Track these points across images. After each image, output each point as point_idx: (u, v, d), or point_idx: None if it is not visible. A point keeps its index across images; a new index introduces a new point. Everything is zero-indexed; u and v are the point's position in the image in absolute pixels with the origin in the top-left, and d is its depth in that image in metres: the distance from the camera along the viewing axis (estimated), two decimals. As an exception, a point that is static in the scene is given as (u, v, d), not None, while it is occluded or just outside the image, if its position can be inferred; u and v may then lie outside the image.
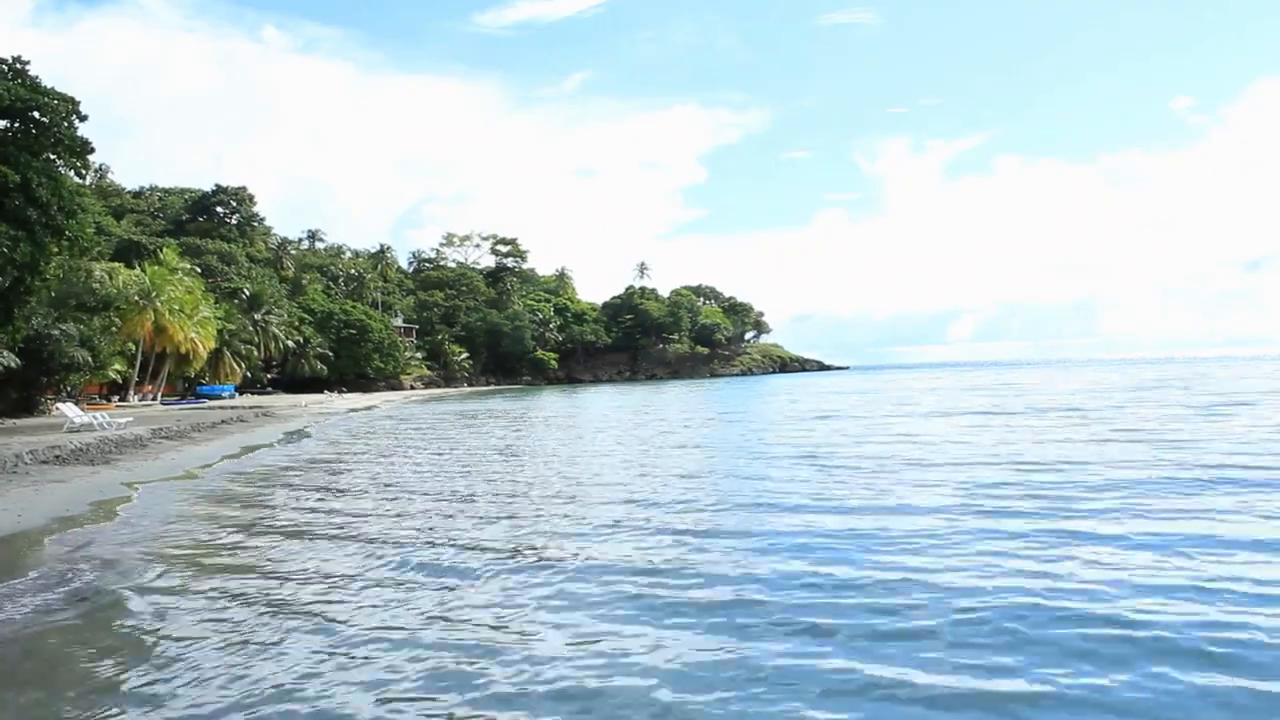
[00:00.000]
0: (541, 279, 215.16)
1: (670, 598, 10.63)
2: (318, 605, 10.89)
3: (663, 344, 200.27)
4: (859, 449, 27.19)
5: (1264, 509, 14.74)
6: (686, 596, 10.67)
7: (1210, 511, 14.69)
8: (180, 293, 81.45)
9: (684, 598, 10.61)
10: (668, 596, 10.70)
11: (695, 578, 11.49)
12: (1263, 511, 14.52)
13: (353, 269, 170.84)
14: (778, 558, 12.41)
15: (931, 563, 11.76)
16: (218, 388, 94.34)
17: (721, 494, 18.68)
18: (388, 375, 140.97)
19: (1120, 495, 16.46)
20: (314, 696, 7.87)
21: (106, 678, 8.53)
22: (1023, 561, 11.64)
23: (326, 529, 16.29)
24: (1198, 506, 15.25)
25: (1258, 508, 14.87)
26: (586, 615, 10.07)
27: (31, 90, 33.38)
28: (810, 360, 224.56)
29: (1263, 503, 15.30)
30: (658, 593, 10.88)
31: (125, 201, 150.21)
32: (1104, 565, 11.32)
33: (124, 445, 31.56)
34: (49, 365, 50.41)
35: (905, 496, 17.33)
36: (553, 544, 14.03)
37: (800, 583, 10.94)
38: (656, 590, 10.98)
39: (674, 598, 10.63)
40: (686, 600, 10.50)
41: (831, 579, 11.02)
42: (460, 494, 20.43)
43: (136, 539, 15.58)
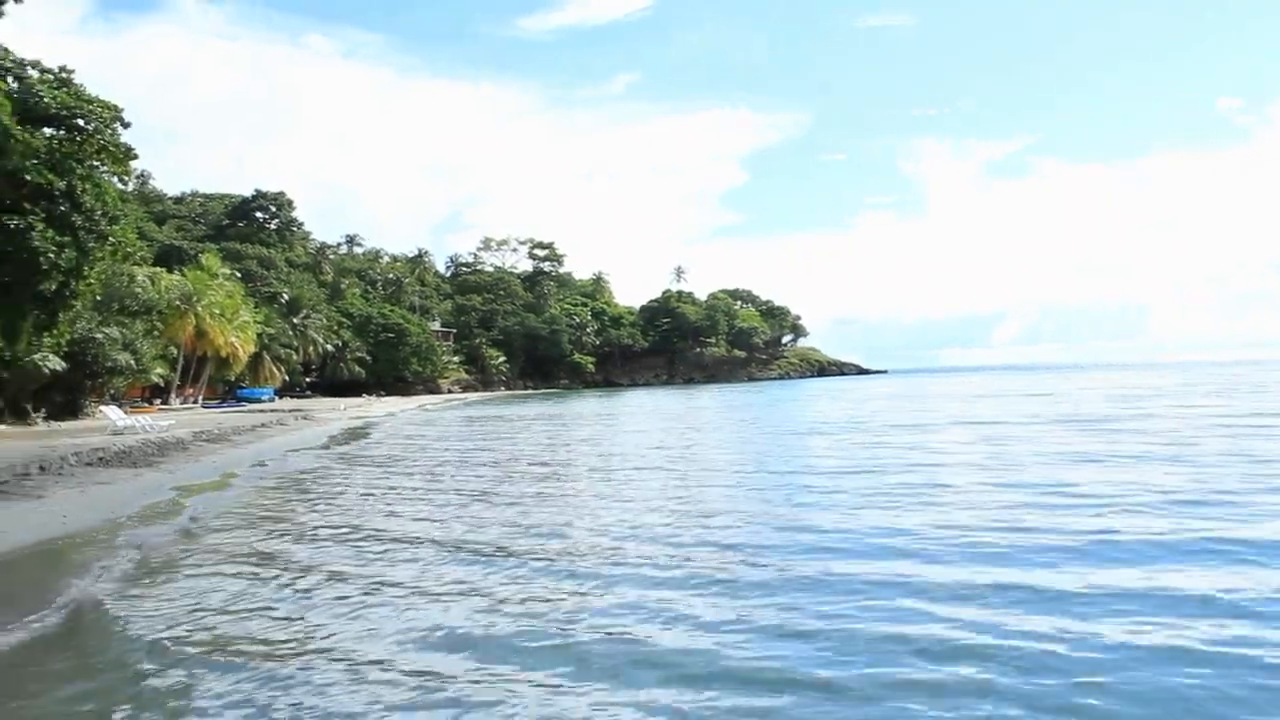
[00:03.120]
0: (579, 283, 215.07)
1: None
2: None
3: (700, 347, 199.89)
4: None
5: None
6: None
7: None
8: (221, 297, 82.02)
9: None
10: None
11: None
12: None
13: (391, 273, 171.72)
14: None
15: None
16: (258, 391, 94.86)
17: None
18: (425, 378, 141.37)
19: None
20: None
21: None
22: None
23: (361, 533, 16.22)
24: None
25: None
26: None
27: (76, 98, 33.66)
28: (848, 364, 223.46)
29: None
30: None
31: (167, 207, 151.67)
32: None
33: (166, 448, 31.74)
34: (93, 368, 50.82)
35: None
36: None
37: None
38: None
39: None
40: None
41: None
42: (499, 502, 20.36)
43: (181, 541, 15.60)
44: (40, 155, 31.83)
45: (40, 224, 32.18)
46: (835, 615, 9.86)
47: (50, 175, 31.83)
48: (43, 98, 32.67)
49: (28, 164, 31.05)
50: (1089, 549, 12.89)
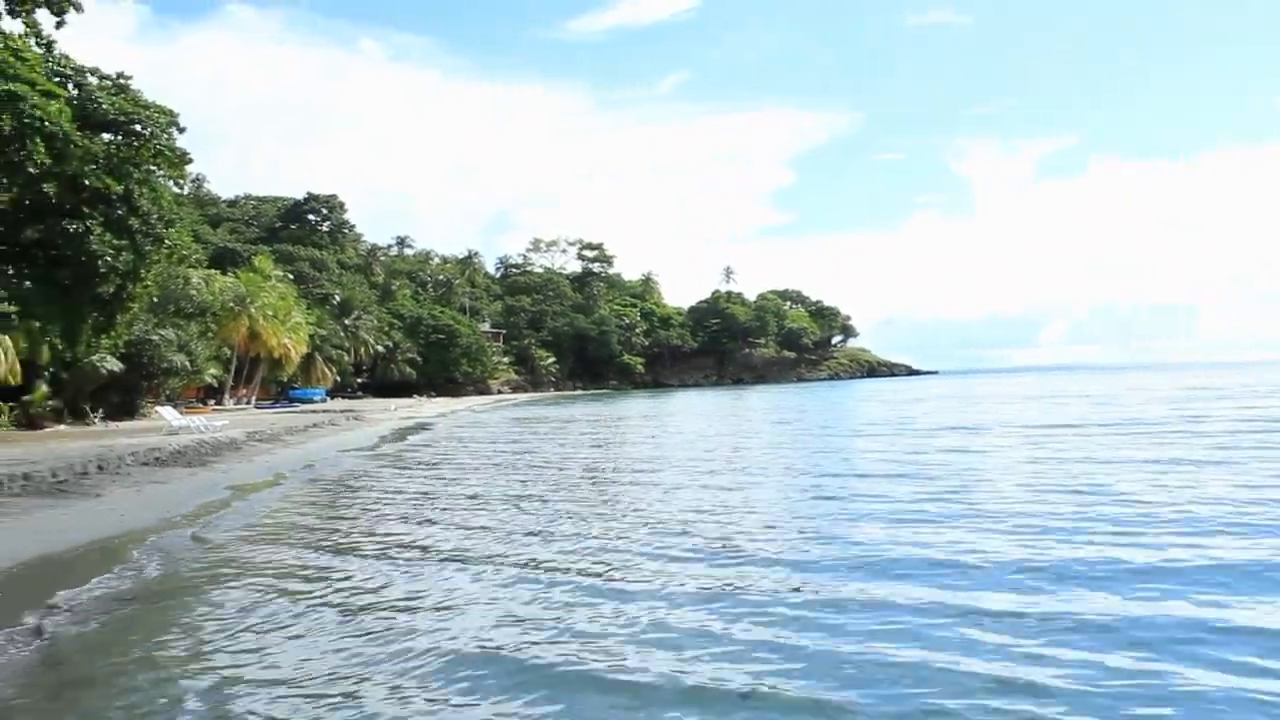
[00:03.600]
0: (628, 283, 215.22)
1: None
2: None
3: (749, 348, 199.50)
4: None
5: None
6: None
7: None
8: (274, 298, 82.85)
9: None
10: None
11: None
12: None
13: (441, 274, 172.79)
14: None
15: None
16: (310, 391, 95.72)
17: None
18: (475, 379, 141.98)
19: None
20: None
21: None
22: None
23: (406, 540, 16.29)
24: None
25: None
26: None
27: (134, 104, 34.14)
28: (898, 364, 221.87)
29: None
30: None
31: (221, 210, 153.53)
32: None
33: (220, 448, 32.12)
34: (149, 369, 51.58)
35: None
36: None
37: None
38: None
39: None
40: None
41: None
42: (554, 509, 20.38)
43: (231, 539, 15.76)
44: (99, 160, 32.31)
45: (99, 227, 32.68)
46: (873, 639, 9.14)
47: (108, 179, 32.30)
48: (101, 104, 33.15)
49: (87, 169, 31.52)
50: (1148, 572, 11.52)
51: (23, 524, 16.20)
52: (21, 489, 19.53)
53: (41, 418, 43.24)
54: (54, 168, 30.52)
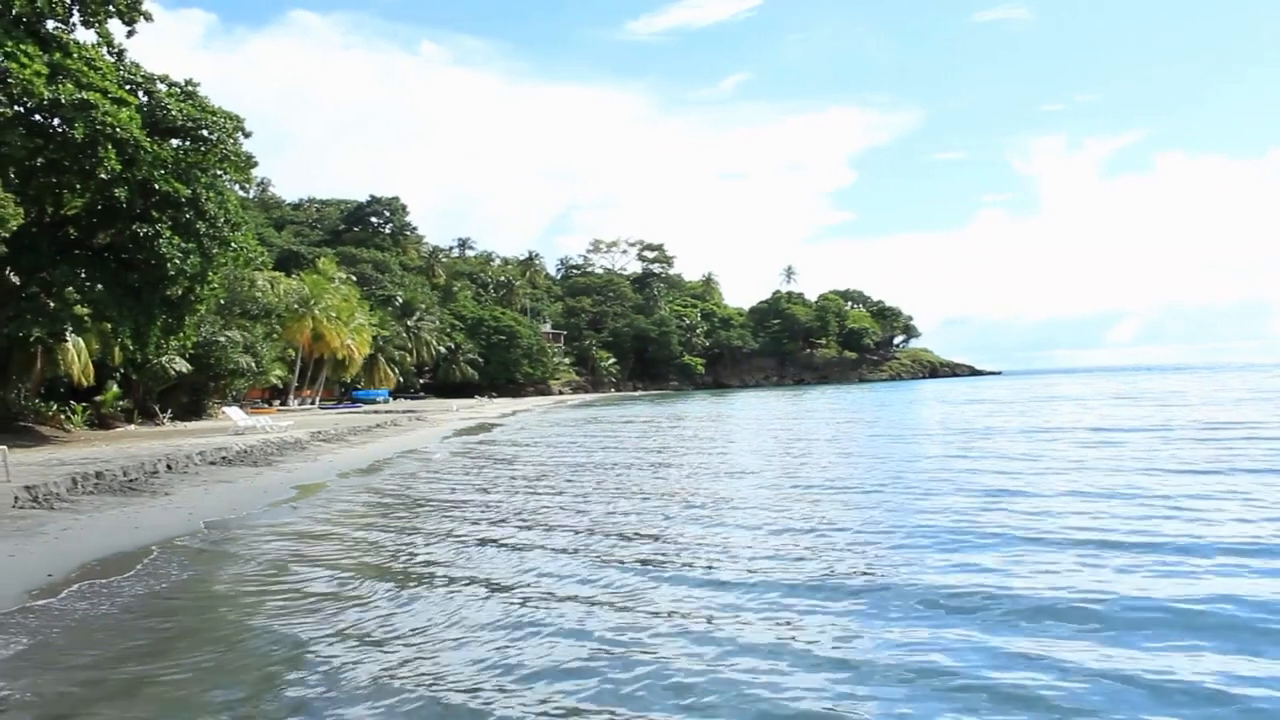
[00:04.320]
0: (688, 284, 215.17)
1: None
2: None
3: (810, 349, 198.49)
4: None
5: None
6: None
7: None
8: (337, 300, 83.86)
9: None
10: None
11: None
12: None
13: (502, 276, 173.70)
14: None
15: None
16: (373, 392, 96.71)
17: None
18: (536, 380, 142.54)
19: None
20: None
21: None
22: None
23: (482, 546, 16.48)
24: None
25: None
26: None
27: (201, 110, 34.71)
28: (961, 365, 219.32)
29: None
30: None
31: (285, 213, 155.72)
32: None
33: (285, 448, 32.62)
34: (216, 370, 52.47)
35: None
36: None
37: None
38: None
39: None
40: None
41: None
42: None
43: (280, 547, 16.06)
44: (167, 165, 32.88)
45: (167, 231, 33.27)
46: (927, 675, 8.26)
47: (177, 184, 32.86)
48: (170, 110, 33.75)
49: (156, 174, 32.08)
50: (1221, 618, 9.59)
51: (96, 521, 16.61)
52: (95, 487, 20.00)
53: (113, 417, 44.18)
54: (124, 173, 31.11)
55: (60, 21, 32.82)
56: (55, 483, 18.78)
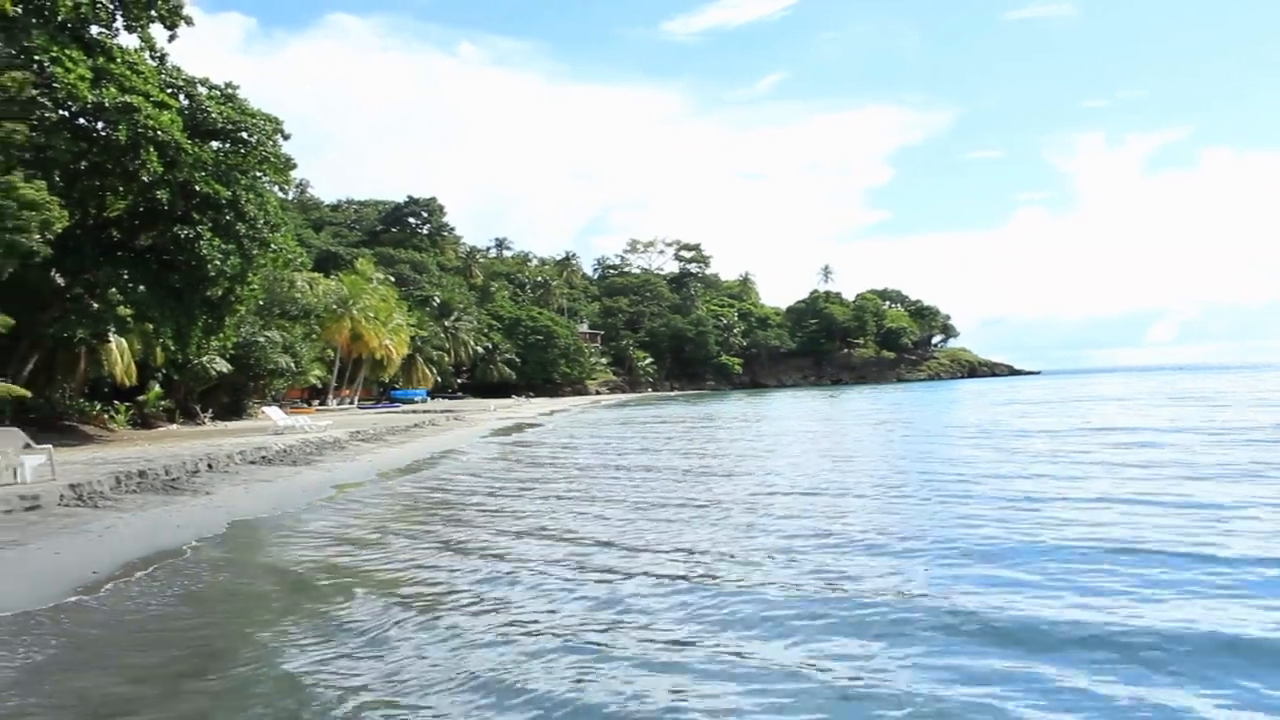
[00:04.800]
0: (725, 284, 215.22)
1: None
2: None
3: (848, 348, 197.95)
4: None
5: None
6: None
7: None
8: (375, 301, 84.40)
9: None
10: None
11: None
12: None
13: (539, 276, 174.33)
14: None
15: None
16: (411, 392, 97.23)
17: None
18: (573, 380, 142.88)
19: None
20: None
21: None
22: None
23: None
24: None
25: None
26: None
27: (240, 112, 35.05)
28: (1000, 365, 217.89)
29: None
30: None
31: (324, 214, 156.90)
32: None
33: (324, 447, 32.84)
34: (255, 370, 52.93)
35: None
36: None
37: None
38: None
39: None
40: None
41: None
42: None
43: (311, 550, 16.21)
44: (208, 167, 33.21)
45: (208, 232, 33.61)
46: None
47: (217, 186, 33.18)
48: (210, 113, 34.09)
49: (197, 175, 32.42)
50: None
51: (139, 519, 16.82)
52: (137, 486, 20.24)
53: (155, 417, 44.67)
54: (166, 175, 31.47)
55: (104, 26, 33.22)
56: (99, 481, 19.02)
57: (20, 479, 18.72)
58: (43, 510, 16.52)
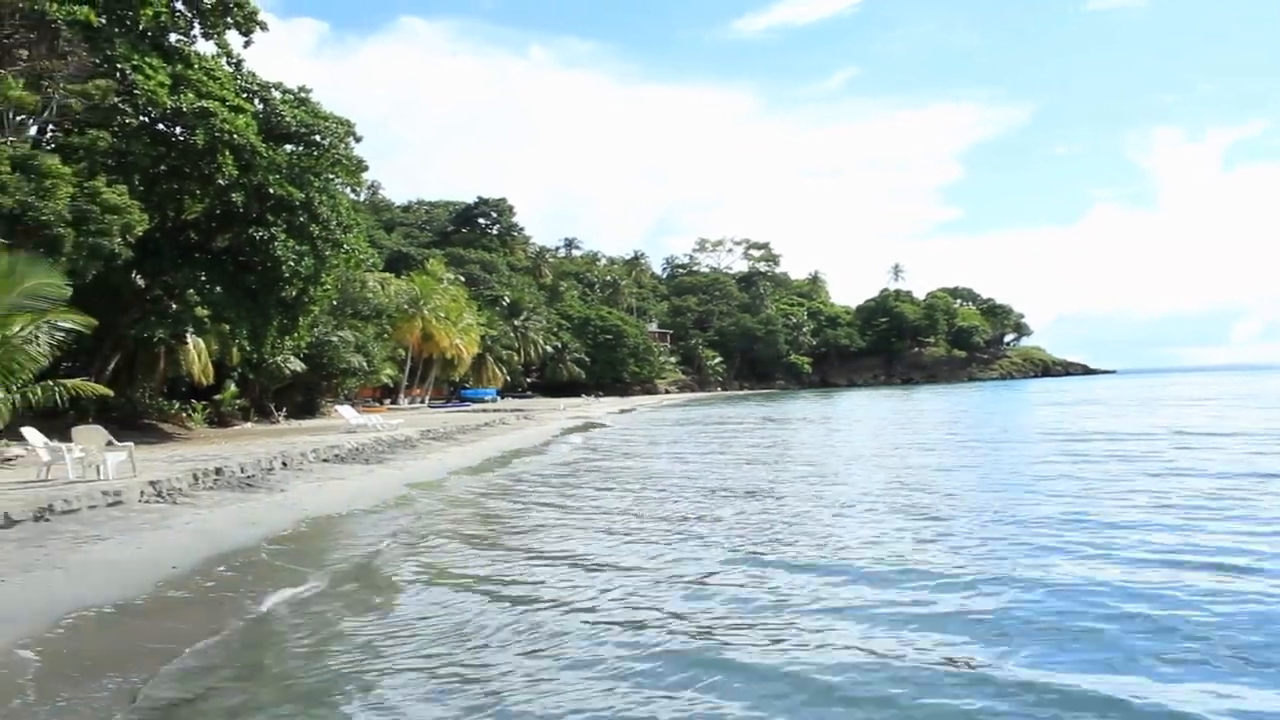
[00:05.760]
0: (794, 282, 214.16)
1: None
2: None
3: (919, 347, 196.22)
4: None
5: None
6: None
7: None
8: (446, 301, 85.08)
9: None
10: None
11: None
12: None
13: (608, 275, 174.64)
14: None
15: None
16: (481, 391, 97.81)
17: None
18: (642, 380, 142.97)
19: None
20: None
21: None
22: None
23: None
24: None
25: None
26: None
27: (313, 115, 35.65)
28: (1074, 364, 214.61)
29: None
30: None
31: (395, 215, 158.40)
32: None
33: (395, 446, 33.28)
34: (328, 370, 53.70)
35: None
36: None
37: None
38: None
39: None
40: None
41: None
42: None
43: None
44: (282, 170, 33.81)
45: (282, 234, 34.25)
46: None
47: (291, 188, 33.78)
48: (284, 116, 34.71)
49: (271, 178, 33.04)
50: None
51: (215, 516, 17.22)
52: (214, 483, 20.73)
53: (231, 415, 45.55)
54: (241, 178, 32.13)
55: (182, 34, 34.02)
56: (177, 478, 19.50)
57: (103, 475, 19.29)
58: (124, 506, 17.01)
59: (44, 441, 20.67)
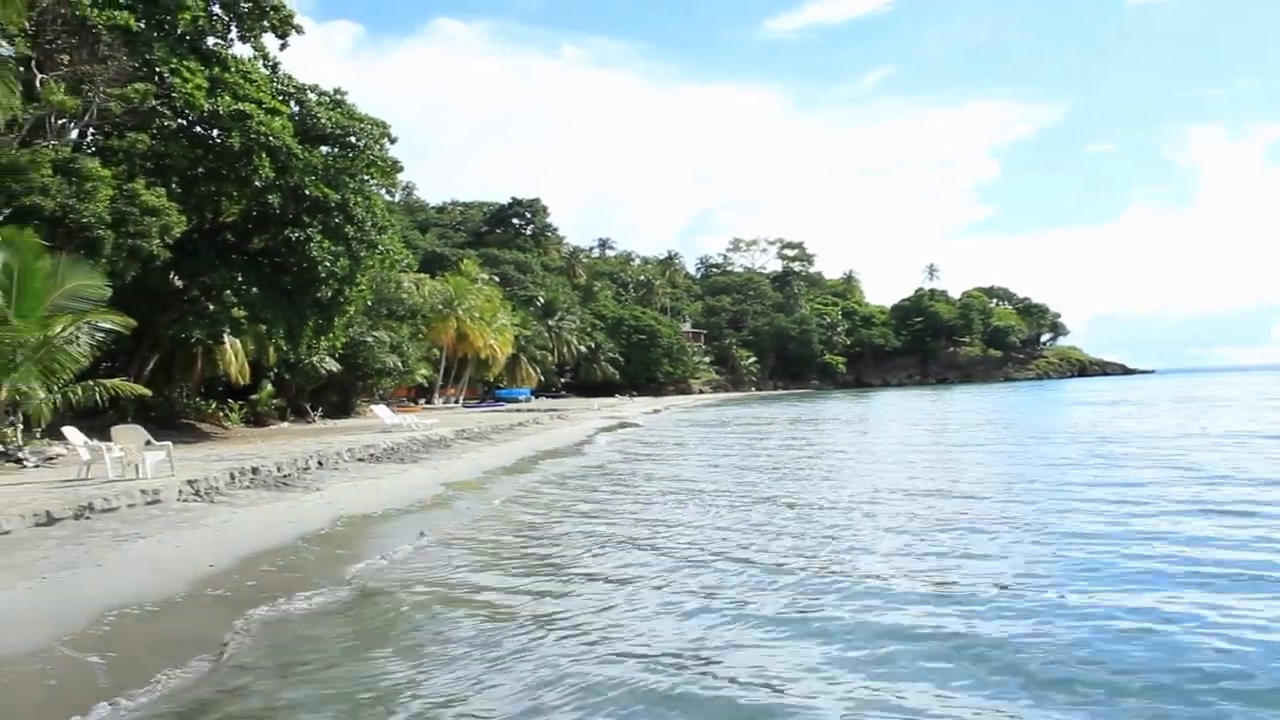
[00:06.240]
0: (828, 282, 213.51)
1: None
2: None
3: (954, 347, 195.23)
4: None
5: None
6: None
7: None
8: (480, 301, 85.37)
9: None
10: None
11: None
12: None
13: (642, 276, 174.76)
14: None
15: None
16: (515, 391, 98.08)
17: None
18: (677, 379, 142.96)
19: None
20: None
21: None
22: None
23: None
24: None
25: None
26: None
27: (349, 117, 35.93)
28: (1111, 364, 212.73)
29: None
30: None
31: (429, 216, 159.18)
32: None
33: (430, 445, 33.45)
34: (363, 370, 54.02)
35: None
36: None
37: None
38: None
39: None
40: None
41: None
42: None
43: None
44: (318, 171, 34.08)
45: (318, 235, 34.52)
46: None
47: (326, 189, 34.06)
48: (319, 118, 35.01)
49: (307, 180, 33.32)
50: None
51: (252, 514, 17.40)
52: (250, 482, 20.93)
53: (267, 415, 45.93)
54: (277, 180, 32.43)
55: (219, 37, 34.40)
56: (214, 477, 19.70)
57: (142, 474, 19.54)
58: (163, 505, 17.21)
59: (84, 441, 20.93)
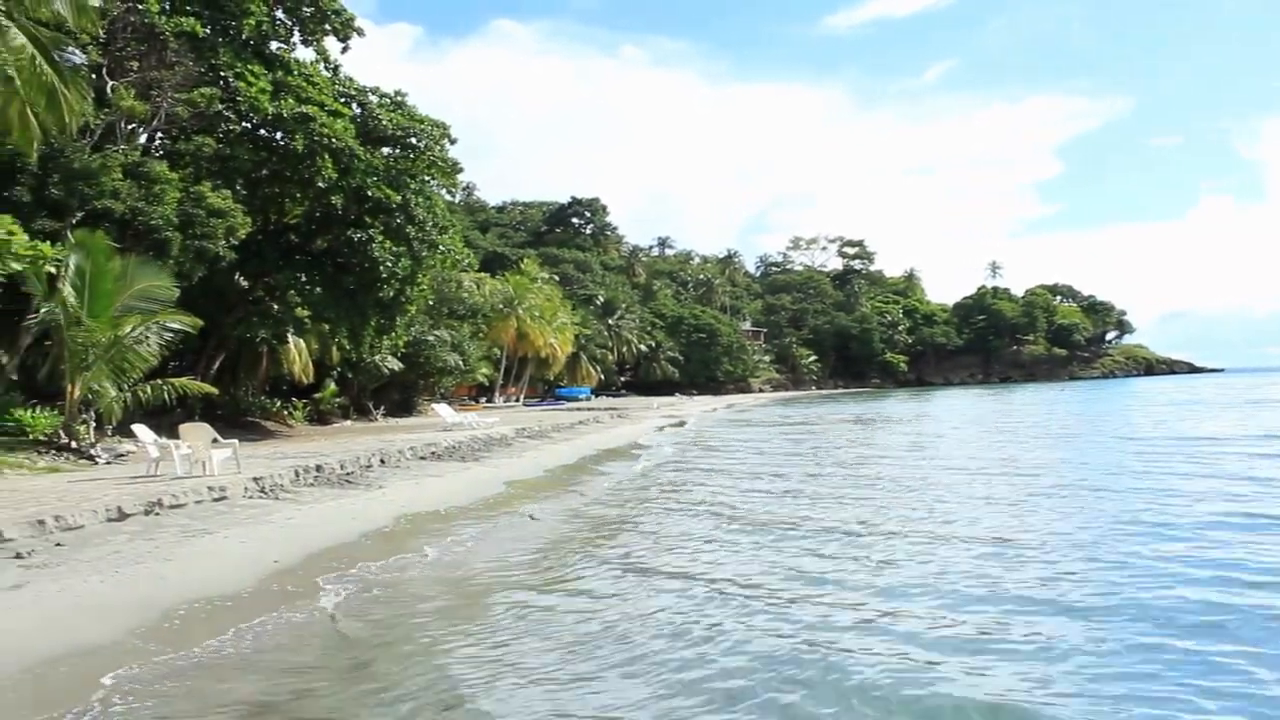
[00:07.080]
0: (889, 280, 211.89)
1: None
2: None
3: (1017, 345, 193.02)
4: None
5: None
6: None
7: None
8: (540, 300, 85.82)
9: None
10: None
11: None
12: None
13: (701, 274, 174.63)
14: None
15: None
16: (575, 390, 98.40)
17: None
18: (736, 378, 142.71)
19: None
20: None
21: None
22: None
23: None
24: None
25: None
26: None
27: (409, 119, 36.30)
28: (1179, 362, 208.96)
29: None
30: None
31: (490, 216, 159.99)
32: None
33: (491, 443, 33.68)
34: (425, 369, 54.49)
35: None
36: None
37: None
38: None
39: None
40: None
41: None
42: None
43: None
44: (379, 172, 34.47)
45: (379, 236, 34.96)
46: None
47: (388, 190, 34.42)
48: (381, 120, 35.41)
49: (369, 181, 33.71)
50: None
51: (316, 511, 17.65)
52: (314, 479, 21.24)
53: (330, 413, 46.52)
54: (340, 181, 32.85)
55: (282, 42, 34.94)
56: (279, 475, 20.01)
57: (209, 471, 19.91)
58: (229, 501, 17.52)
59: (153, 438, 21.37)
